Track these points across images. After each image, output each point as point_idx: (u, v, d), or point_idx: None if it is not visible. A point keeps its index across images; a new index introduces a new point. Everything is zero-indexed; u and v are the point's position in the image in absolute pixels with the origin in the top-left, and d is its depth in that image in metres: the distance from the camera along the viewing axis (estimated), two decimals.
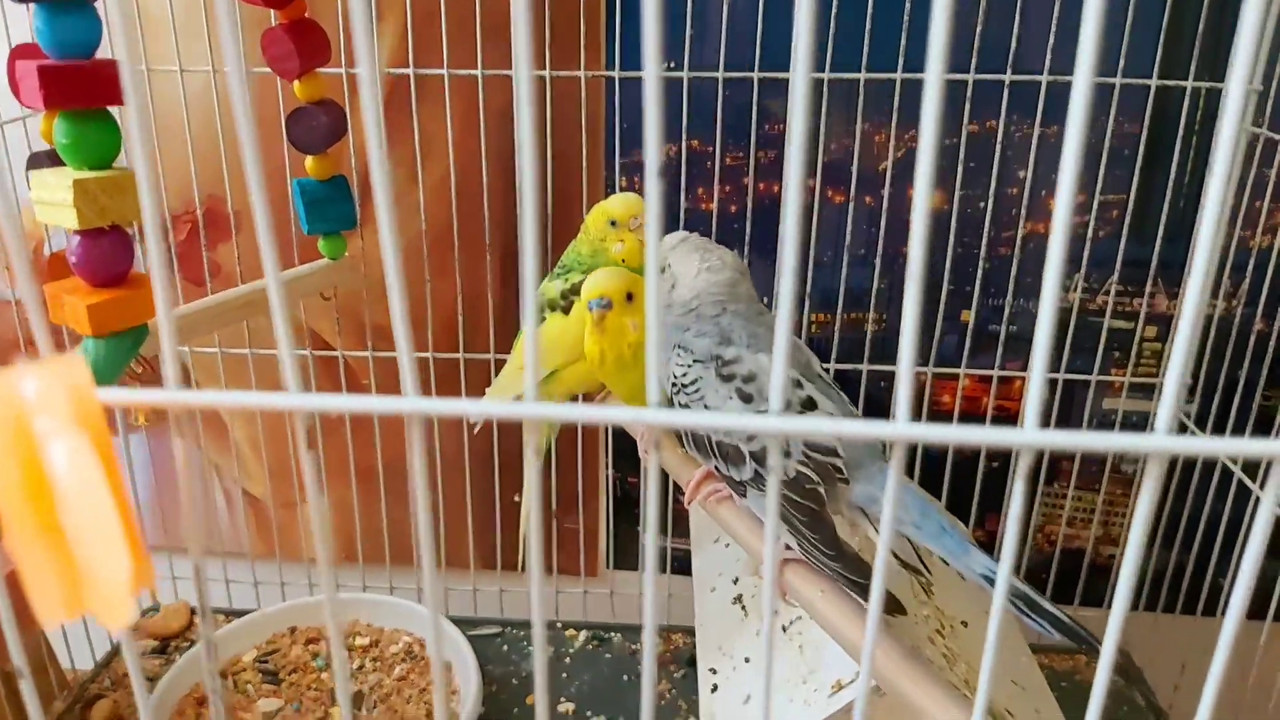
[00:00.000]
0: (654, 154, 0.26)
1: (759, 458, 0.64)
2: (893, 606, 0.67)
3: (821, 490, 0.64)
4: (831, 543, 0.63)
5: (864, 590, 0.64)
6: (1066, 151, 0.26)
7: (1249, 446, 0.27)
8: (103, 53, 0.69)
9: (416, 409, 0.28)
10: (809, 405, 0.65)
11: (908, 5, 0.95)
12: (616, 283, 0.78)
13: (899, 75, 0.98)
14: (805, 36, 0.25)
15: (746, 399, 0.64)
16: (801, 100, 0.26)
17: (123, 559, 0.23)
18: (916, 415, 1.10)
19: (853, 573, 0.64)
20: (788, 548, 0.69)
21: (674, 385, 0.67)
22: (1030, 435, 0.27)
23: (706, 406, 0.65)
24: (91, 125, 0.62)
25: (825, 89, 0.99)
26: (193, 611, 1.22)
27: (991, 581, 0.62)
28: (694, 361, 0.66)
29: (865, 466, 0.66)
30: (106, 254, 0.63)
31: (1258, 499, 0.97)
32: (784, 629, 0.84)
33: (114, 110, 0.65)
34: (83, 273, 0.64)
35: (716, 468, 0.67)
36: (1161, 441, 0.27)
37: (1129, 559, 0.29)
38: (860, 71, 0.98)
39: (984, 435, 0.27)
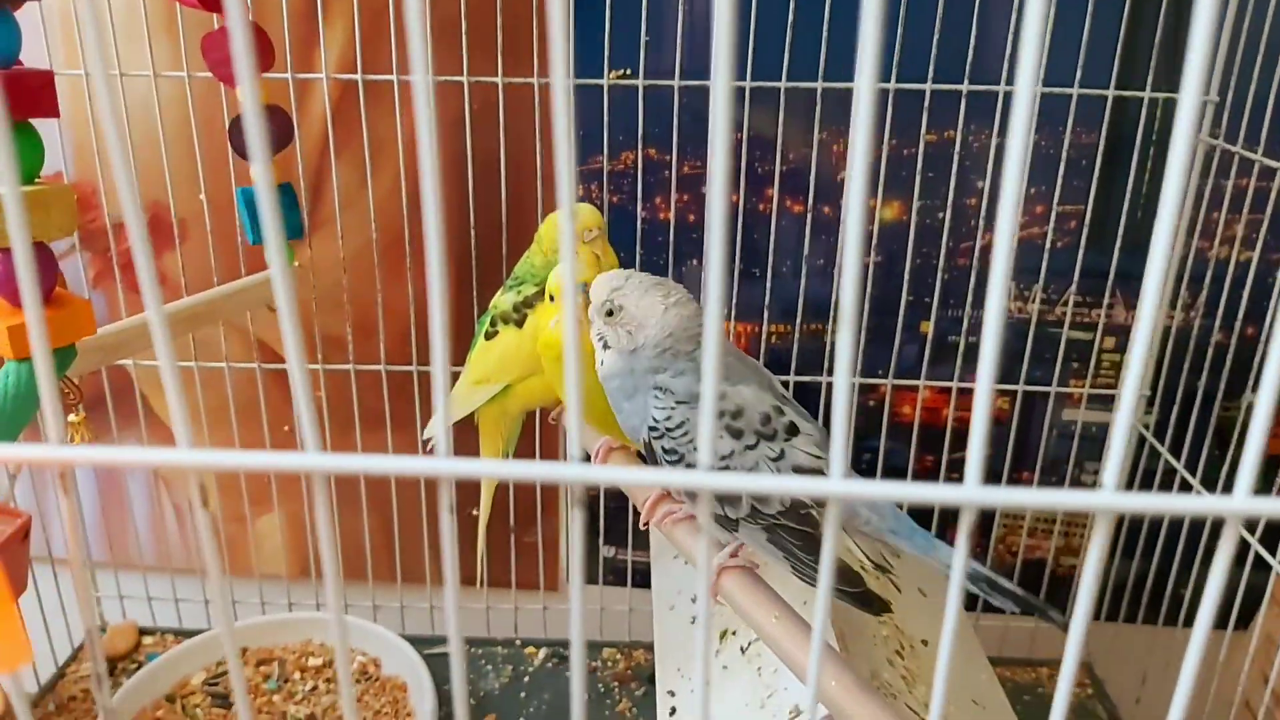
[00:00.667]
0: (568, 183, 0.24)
1: (756, 495, 0.62)
2: (880, 607, 0.66)
3: (815, 513, 0.64)
4: (839, 576, 0.64)
5: (855, 599, 0.66)
6: (1008, 165, 0.24)
7: (1197, 504, 0.26)
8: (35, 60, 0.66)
9: (319, 465, 0.26)
10: (792, 430, 0.64)
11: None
12: (591, 270, 0.76)
13: (856, 85, 0.96)
14: (725, 50, 0.23)
15: (736, 435, 0.63)
16: (723, 115, 0.24)
17: None
18: (876, 429, 1.09)
19: (844, 584, 0.65)
20: (732, 555, 0.68)
21: (655, 429, 0.65)
22: (973, 492, 0.26)
23: (696, 448, 0.63)
24: (13, 139, 0.59)
25: (782, 98, 0.98)
26: (141, 631, 1.18)
27: (970, 579, 0.63)
28: (677, 403, 0.64)
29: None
30: None
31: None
32: (742, 650, 0.82)
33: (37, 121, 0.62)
34: (3, 292, 0.61)
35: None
36: (1110, 499, 0.26)
37: (1080, 608, 0.28)
38: (818, 80, 0.97)
39: (932, 493, 0.26)
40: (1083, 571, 0.27)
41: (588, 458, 0.84)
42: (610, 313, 0.66)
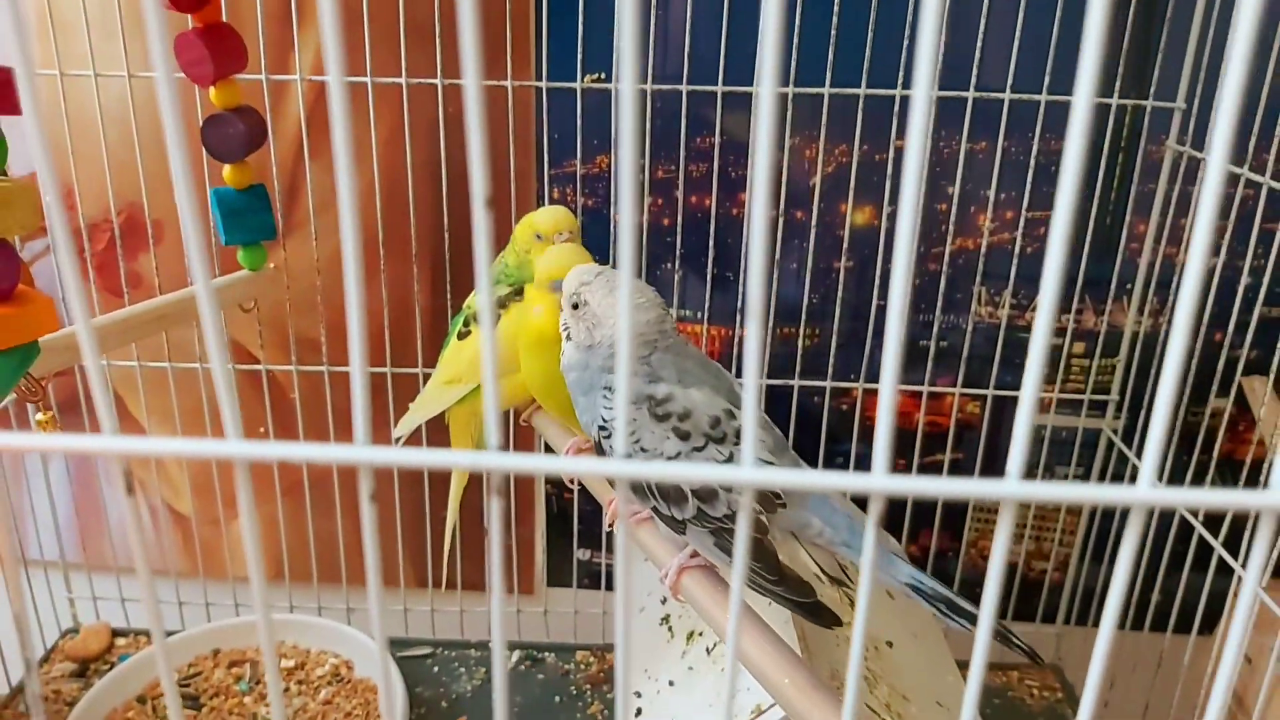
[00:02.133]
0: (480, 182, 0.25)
1: (701, 495, 0.63)
2: (830, 620, 0.66)
3: (764, 518, 0.64)
4: (774, 569, 0.64)
5: (805, 609, 0.65)
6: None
7: (1101, 494, 0.27)
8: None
9: (240, 454, 0.27)
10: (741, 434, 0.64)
11: (835, 20, 0.95)
12: (575, 260, 0.77)
13: (826, 90, 0.97)
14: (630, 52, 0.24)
15: (684, 436, 0.63)
16: (629, 117, 0.25)
17: None
18: (848, 433, 1.09)
19: (795, 594, 0.65)
20: (693, 555, 0.68)
21: (603, 428, 0.65)
22: (880, 481, 0.26)
23: (644, 449, 0.63)
24: None
25: (754, 103, 0.99)
26: (114, 633, 1.18)
27: (917, 590, 0.63)
28: None
29: (803, 500, 0.66)
30: None
31: (1181, 518, 0.98)
32: (708, 651, 0.82)
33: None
34: None
35: (655, 508, 0.65)
36: (1015, 488, 0.26)
37: (987, 602, 0.28)
38: (789, 86, 0.97)
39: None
40: (990, 562, 0.27)
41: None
42: (575, 305, 0.67)
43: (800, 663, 0.61)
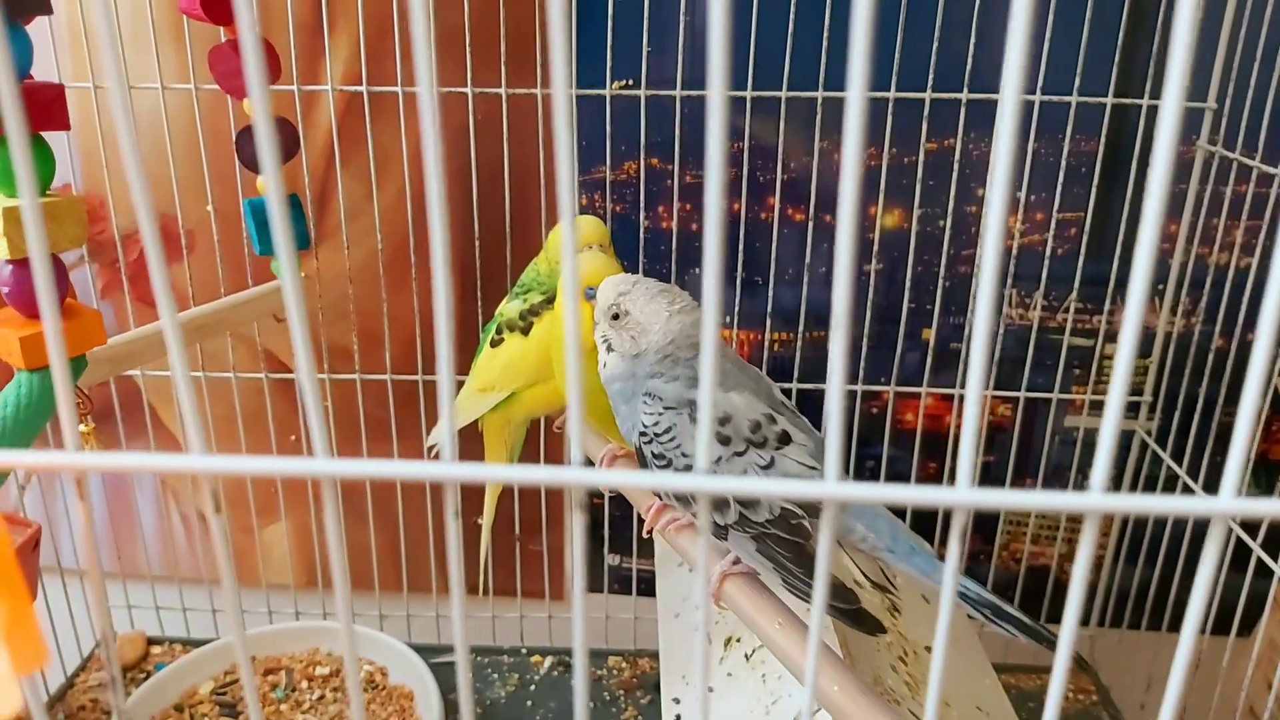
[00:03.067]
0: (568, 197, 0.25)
1: (743, 500, 0.63)
2: (873, 627, 0.67)
3: (807, 523, 0.64)
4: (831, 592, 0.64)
5: (848, 616, 0.65)
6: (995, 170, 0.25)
7: (1187, 505, 0.27)
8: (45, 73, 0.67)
9: (328, 470, 0.27)
10: (784, 439, 0.65)
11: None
12: (610, 268, 0.77)
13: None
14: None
15: (724, 441, 0.64)
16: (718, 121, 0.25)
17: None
18: (878, 437, 1.09)
19: (838, 601, 0.65)
20: (735, 561, 0.68)
21: (644, 434, 0.65)
22: (965, 494, 0.26)
23: (684, 454, 0.64)
24: None
25: (783, 107, 0.99)
26: (149, 641, 1.19)
27: (963, 597, 0.63)
28: (665, 409, 0.64)
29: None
30: None
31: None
32: (746, 657, 0.83)
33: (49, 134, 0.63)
34: (15, 303, 0.62)
35: (696, 513, 0.66)
36: (1099, 500, 0.26)
37: (1069, 613, 0.28)
38: (818, 90, 0.98)
39: (917, 495, 0.26)
40: (1073, 574, 0.27)
41: (590, 463, 0.85)
42: (616, 316, 0.67)
43: (848, 669, 0.61)
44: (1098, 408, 1.08)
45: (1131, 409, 1.08)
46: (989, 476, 1.12)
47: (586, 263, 0.78)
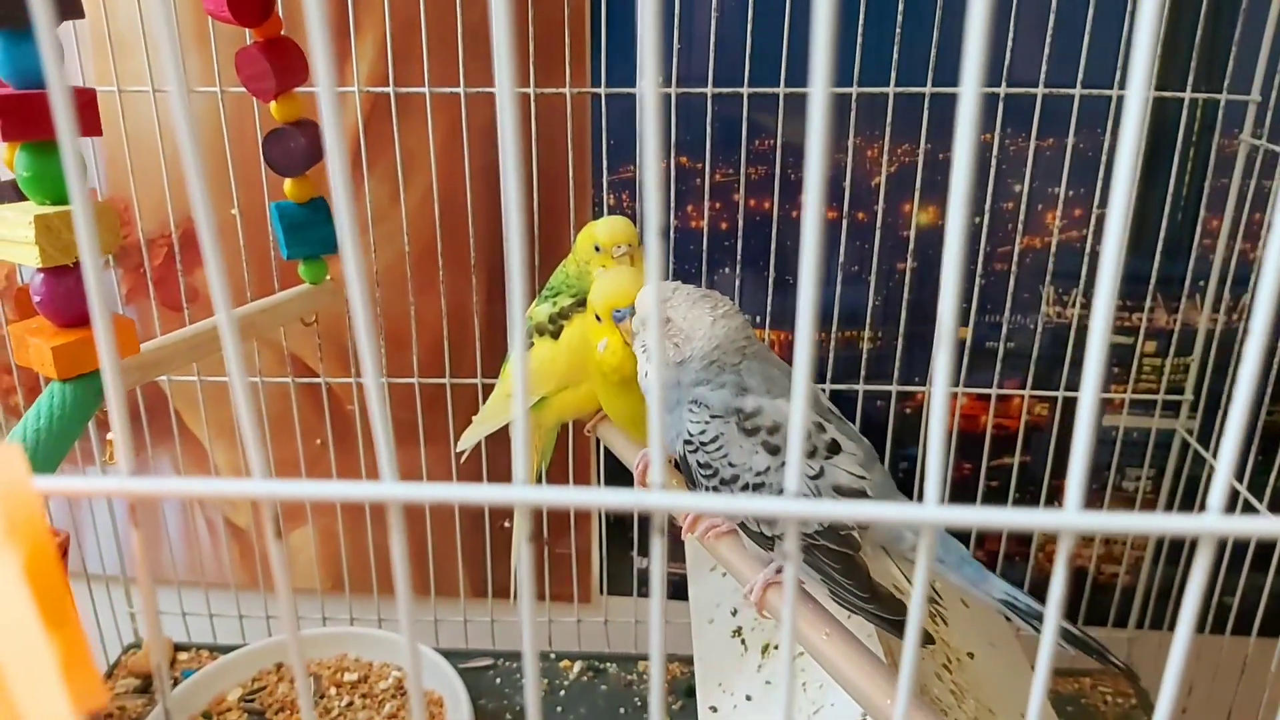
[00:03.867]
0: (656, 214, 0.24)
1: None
2: (923, 639, 0.65)
3: (856, 534, 0.63)
4: (865, 585, 0.63)
5: (896, 627, 0.64)
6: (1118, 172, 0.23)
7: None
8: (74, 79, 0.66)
9: (394, 495, 0.26)
10: (834, 448, 0.63)
11: (899, 19, 0.93)
12: (638, 287, 0.75)
13: (891, 89, 0.95)
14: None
15: (773, 451, 0.62)
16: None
17: (57, 697, 0.20)
18: (914, 438, 1.07)
19: (887, 612, 0.64)
20: (779, 570, 0.67)
21: (689, 443, 0.64)
22: (1072, 518, 0.25)
23: (731, 464, 0.62)
24: (55, 158, 0.59)
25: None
26: (176, 647, 1.18)
27: (1012, 606, 0.62)
28: (712, 417, 0.63)
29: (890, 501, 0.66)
30: (72, 292, 0.60)
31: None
32: (791, 659, 0.81)
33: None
34: (47, 312, 0.61)
35: (743, 524, 0.64)
36: (1215, 523, 0.25)
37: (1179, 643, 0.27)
38: (852, 86, 0.96)
39: (1027, 518, 0.25)
40: (1185, 599, 0.26)
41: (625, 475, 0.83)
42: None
43: (895, 677, 0.59)
44: (1137, 406, 1.06)
45: (1172, 408, 1.06)
46: (1025, 477, 1.10)
47: (612, 283, 0.75)
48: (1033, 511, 0.25)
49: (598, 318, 0.75)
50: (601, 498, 0.26)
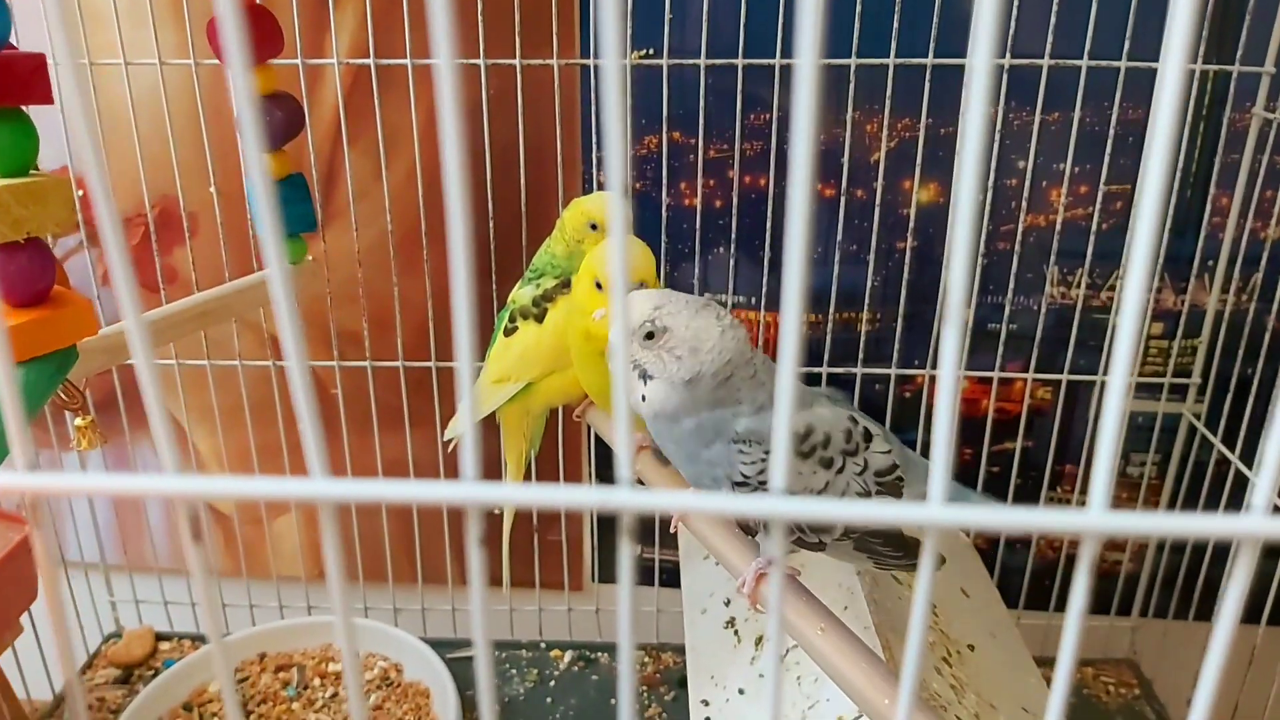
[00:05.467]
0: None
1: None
2: (940, 561, 0.64)
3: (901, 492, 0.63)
4: (899, 544, 0.63)
5: (913, 565, 0.65)
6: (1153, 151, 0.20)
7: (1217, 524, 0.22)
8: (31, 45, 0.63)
9: (326, 494, 0.23)
10: (867, 437, 0.61)
11: None
12: (647, 263, 0.71)
13: (891, 61, 0.92)
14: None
15: (828, 464, 0.59)
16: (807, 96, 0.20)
17: None
18: (913, 422, 1.04)
19: (906, 556, 0.64)
20: (770, 560, 0.64)
21: (744, 484, 0.57)
22: (1098, 519, 0.22)
23: (791, 493, 0.59)
24: (3, 127, 0.56)
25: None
26: (157, 637, 1.16)
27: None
28: (767, 453, 0.56)
29: (914, 467, 0.65)
30: (24, 270, 0.57)
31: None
32: (780, 658, 0.78)
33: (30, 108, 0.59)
34: (3, 292, 0.58)
35: (799, 539, 0.62)
36: (1259, 524, 0.22)
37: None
38: (851, 57, 0.92)
39: (1053, 520, 0.22)
40: (1222, 612, 0.23)
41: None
42: (651, 335, 0.57)
43: (896, 679, 0.56)
44: (1143, 390, 1.03)
45: (1179, 391, 1.03)
46: (1027, 463, 1.07)
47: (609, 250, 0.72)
48: (1057, 512, 0.22)
49: (599, 285, 0.71)
50: (559, 496, 0.23)
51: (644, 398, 0.59)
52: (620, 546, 0.23)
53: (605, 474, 1.13)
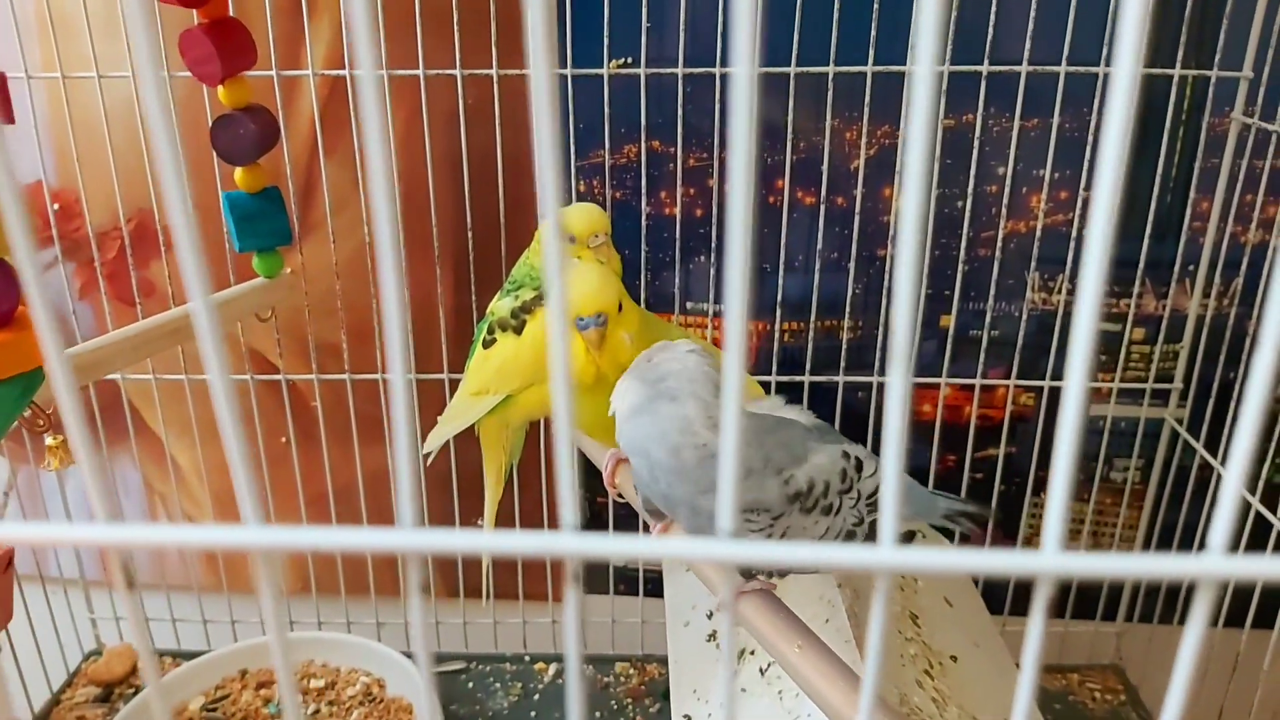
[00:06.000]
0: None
1: (851, 535, 0.61)
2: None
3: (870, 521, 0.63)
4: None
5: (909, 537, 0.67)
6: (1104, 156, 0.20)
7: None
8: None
9: (259, 542, 0.22)
10: (859, 467, 0.61)
11: None
12: (609, 293, 0.70)
13: (870, 69, 0.91)
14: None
15: (828, 511, 0.59)
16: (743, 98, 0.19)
17: None
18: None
19: (905, 541, 0.64)
20: (752, 576, 0.63)
21: (752, 522, 0.59)
22: (1052, 561, 0.21)
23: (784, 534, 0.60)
24: None
25: (792, 84, 0.93)
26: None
27: (952, 518, 0.68)
28: (774, 519, 0.58)
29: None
30: None
31: (1258, 512, 0.92)
32: (761, 672, 0.78)
33: None
34: None
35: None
36: (1217, 564, 0.21)
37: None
38: (829, 65, 0.92)
39: (1007, 562, 0.21)
40: (1182, 649, 0.22)
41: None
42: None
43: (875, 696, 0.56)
44: (1126, 395, 1.03)
45: (1161, 397, 1.03)
46: (1010, 469, 1.07)
47: (576, 288, 0.69)
48: (1006, 554, 0.21)
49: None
50: (501, 543, 0.22)
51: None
52: (567, 594, 0.22)
53: (588, 479, 1.12)
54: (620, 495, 0.81)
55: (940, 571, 0.21)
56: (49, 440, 0.75)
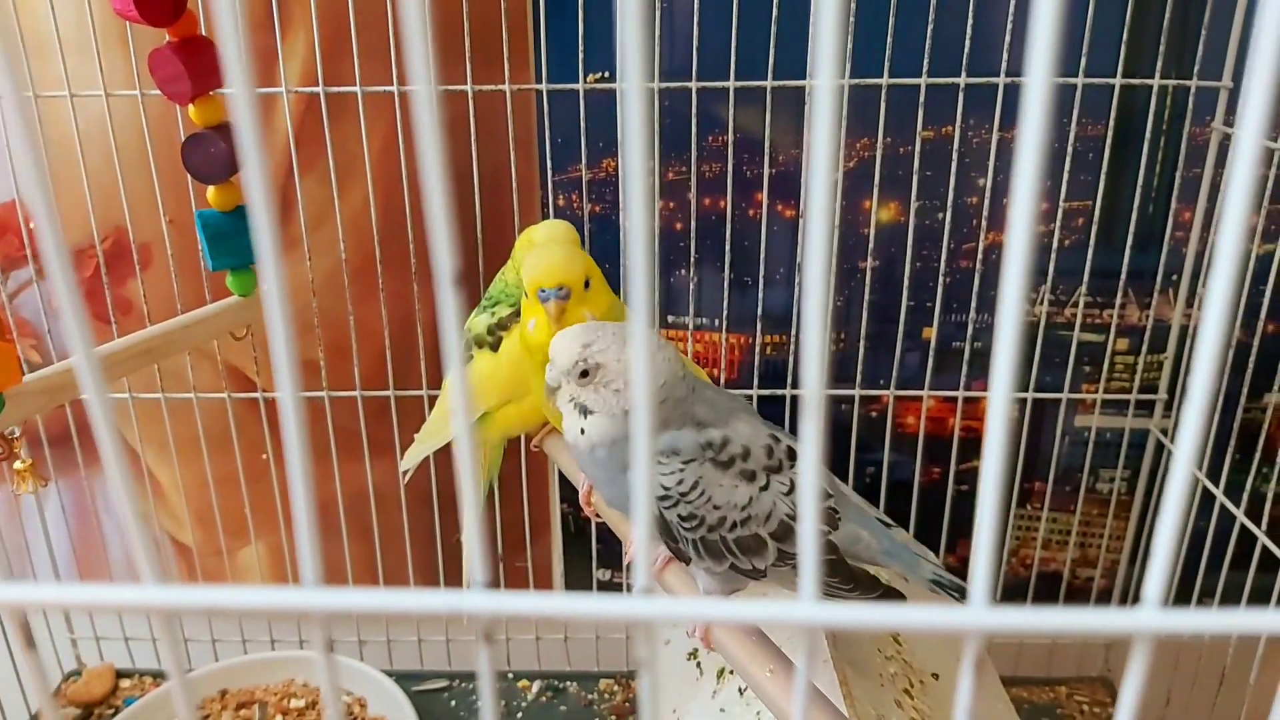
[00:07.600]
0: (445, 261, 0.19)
1: (779, 534, 0.59)
2: (898, 596, 0.66)
3: (833, 537, 0.62)
4: (848, 576, 0.61)
5: (886, 595, 0.63)
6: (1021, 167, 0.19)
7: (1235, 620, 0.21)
8: None
9: (155, 602, 0.21)
10: (792, 455, 0.61)
11: (853, 7, 0.89)
12: (574, 266, 0.68)
13: (847, 81, 0.91)
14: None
15: (749, 478, 0.58)
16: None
17: None
18: (879, 442, 1.03)
19: (869, 591, 0.62)
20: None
21: (666, 498, 0.58)
22: (979, 616, 0.20)
23: (716, 506, 0.58)
24: None
25: (769, 97, 0.93)
26: (118, 674, 1.14)
27: (939, 585, 0.63)
28: (684, 463, 0.58)
29: (848, 504, 0.64)
30: None
31: (1241, 523, 0.91)
32: (740, 692, 0.77)
33: None
34: None
35: (734, 565, 0.60)
36: (1152, 618, 0.20)
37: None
38: (805, 79, 0.91)
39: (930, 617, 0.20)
40: (1120, 704, 0.21)
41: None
42: (585, 373, 0.58)
43: (849, 714, 0.55)
44: (1110, 406, 1.02)
45: (1145, 407, 1.02)
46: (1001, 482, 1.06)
47: (538, 261, 0.68)
48: (935, 610, 0.20)
49: (526, 294, 0.70)
50: (406, 601, 0.21)
51: (583, 431, 0.60)
52: (478, 653, 0.21)
53: (571, 493, 1.11)
54: (598, 516, 0.80)
55: (866, 626, 0.21)
56: (16, 465, 0.74)
